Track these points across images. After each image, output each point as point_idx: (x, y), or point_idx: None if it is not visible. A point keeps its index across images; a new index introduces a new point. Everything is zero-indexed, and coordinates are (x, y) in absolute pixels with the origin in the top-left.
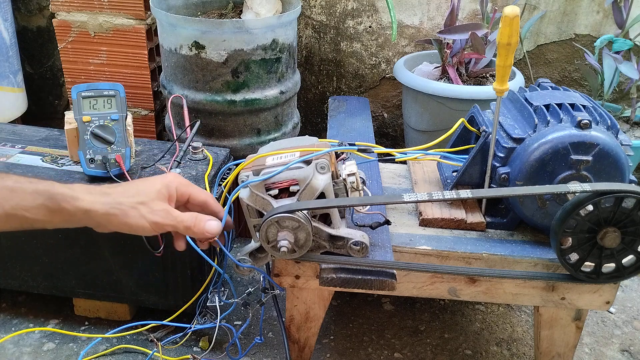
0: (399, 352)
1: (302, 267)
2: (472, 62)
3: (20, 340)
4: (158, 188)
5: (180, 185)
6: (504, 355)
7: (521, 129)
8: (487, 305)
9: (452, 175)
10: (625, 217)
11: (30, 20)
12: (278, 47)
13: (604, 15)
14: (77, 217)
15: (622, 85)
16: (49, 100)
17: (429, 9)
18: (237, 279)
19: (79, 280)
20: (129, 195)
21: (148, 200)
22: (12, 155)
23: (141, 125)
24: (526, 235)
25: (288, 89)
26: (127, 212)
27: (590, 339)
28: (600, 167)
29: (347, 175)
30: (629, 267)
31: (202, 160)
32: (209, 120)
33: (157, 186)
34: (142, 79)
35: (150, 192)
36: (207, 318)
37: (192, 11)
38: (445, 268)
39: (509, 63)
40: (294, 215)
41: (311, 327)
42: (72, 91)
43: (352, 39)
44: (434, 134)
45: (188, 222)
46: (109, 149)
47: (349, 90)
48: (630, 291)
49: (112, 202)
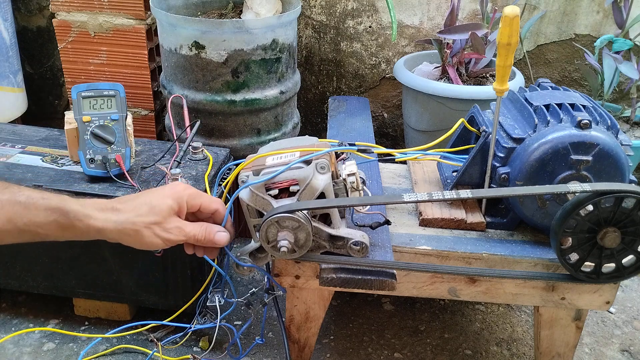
0: (399, 352)
1: (302, 267)
2: (472, 62)
3: (20, 340)
4: (170, 204)
5: (191, 198)
6: (504, 355)
7: (521, 129)
8: (487, 305)
9: (452, 175)
10: (625, 217)
11: (30, 20)
12: (278, 47)
13: (604, 15)
14: (90, 234)
15: (622, 85)
16: (49, 100)
17: (429, 9)
18: (237, 279)
19: (79, 280)
20: (141, 214)
21: (161, 220)
22: (12, 155)
23: (141, 125)
24: (526, 235)
25: (288, 89)
26: (141, 232)
27: (590, 339)
28: (600, 167)
29: (347, 175)
30: (629, 267)
31: (202, 160)
32: (209, 120)
33: (168, 202)
34: (142, 79)
35: (163, 210)
36: (207, 318)
37: (192, 11)
38: (445, 268)
39: (509, 63)
40: (294, 215)
41: (311, 327)
42: (72, 91)
43: (352, 39)
44: (434, 134)
45: (199, 235)
46: (109, 149)
47: (349, 90)
48: (630, 291)
49: (124, 221)
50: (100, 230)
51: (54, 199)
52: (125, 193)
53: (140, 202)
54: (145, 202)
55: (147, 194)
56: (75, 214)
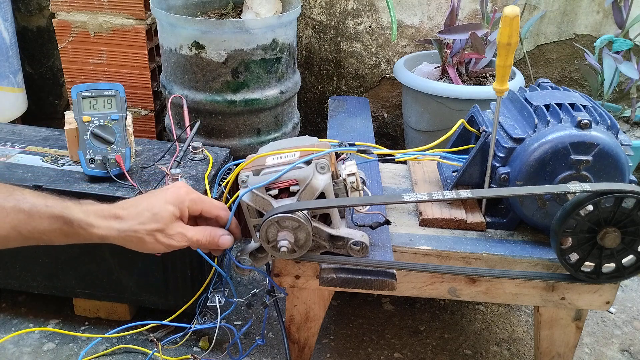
0: (399, 352)
1: (302, 267)
2: (472, 62)
3: (20, 340)
4: (171, 211)
5: (192, 203)
6: (504, 355)
7: (521, 129)
8: (487, 305)
9: (452, 175)
10: (625, 217)
11: (30, 20)
12: (278, 47)
13: (604, 15)
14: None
15: (622, 85)
16: (49, 100)
17: (429, 9)
18: (237, 279)
19: (79, 280)
20: (143, 222)
21: (163, 227)
22: (12, 155)
23: (141, 125)
24: (526, 235)
25: (288, 89)
26: (143, 239)
27: (590, 339)
28: (600, 167)
29: (347, 175)
30: (629, 267)
31: (202, 160)
32: (209, 120)
33: (170, 208)
34: (142, 79)
35: (165, 216)
36: (207, 318)
37: (192, 11)
38: (445, 268)
39: (509, 63)
40: (294, 215)
41: (311, 327)
42: (72, 91)
43: (352, 39)
44: (434, 134)
45: (202, 240)
46: (109, 149)
47: (349, 90)
48: (630, 291)
49: (127, 229)
50: (103, 238)
51: (57, 206)
52: (125, 193)
53: (142, 208)
54: (147, 208)
55: (149, 198)
56: (78, 222)
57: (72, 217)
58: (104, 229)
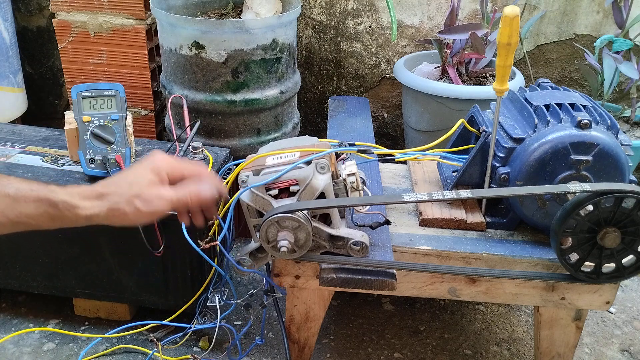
0: (399, 352)
1: (302, 267)
2: (472, 62)
3: (20, 340)
4: (149, 177)
5: (171, 168)
6: (504, 355)
7: (521, 129)
8: (487, 305)
9: (452, 175)
10: (625, 217)
11: (30, 20)
12: (278, 47)
13: (604, 15)
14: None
15: (622, 85)
16: (49, 100)
17: (429, 9)
18: (237, 279)
19: (79, 280)
20: (122, 193)
21: (139, 192)
22: (12, 155)
23: (141, 125)
24: (526, 235)
25: (288, 89)
26: (124, 210)
27: (590, 339)
28: (600, 167)
29: (347, 175)
30: (629, 267)
31: (202, 160)
32: (209, 120)
33: (147, 174)
34: (142, 79)
35: (140, 182)
36: (207, 318)
37: (192, 11)
38: (445, 268)
39: (509, 63)
40: (294, 215)
41: (311, 327)
42: (72, 91)
43: (352, 39)
44: (434, 134)
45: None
46: (109, 149)
47: (349, 90)
48: (630, 291)
49: (109, 204)
50: (89, 218)
51: (42, 190)
52: None
53: (120, 182)
54: (126, 180)
55: (128, 170)
56: (63, 204)
57: (57, 200)
58: (89, 209)
